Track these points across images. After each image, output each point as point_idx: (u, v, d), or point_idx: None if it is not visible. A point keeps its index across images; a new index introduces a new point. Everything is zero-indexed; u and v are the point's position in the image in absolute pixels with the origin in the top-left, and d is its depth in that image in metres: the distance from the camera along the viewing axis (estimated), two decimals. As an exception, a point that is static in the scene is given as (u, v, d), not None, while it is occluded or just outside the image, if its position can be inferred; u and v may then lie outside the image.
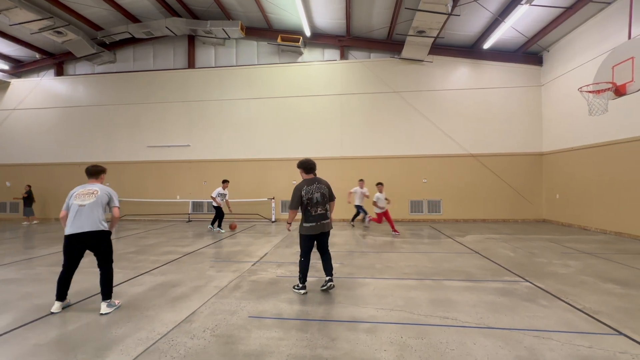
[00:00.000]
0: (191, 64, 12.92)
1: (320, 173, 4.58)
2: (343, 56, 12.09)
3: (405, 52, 11.08)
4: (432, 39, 10.25)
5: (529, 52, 11.06)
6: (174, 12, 11.63)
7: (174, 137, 12.76)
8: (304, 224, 4.14)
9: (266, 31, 12.23)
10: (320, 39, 12.01)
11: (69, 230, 3.49)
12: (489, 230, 9.28)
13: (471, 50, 11.31)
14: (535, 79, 11.19)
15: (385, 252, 6.54)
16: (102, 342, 2.87)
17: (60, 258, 3.78)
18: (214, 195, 9.27)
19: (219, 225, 9.42)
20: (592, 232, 8.63)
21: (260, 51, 12.65)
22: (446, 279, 4.66)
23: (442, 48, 11.36)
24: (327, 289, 4.12)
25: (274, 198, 11.71)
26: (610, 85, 5.45)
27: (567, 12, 8.67)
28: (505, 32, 9.79)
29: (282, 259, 5.96)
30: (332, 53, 12.28)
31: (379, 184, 8.88)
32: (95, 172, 3.90)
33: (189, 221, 11.98)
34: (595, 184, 8.71)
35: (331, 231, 4.53)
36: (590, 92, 5.81)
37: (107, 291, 3.57)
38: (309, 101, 12.06)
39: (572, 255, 6.01)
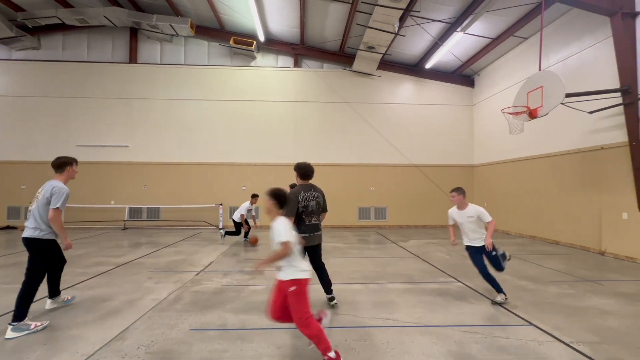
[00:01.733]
0: (133, 59, 11.98)
1: (270, 179, 4.55)
2: (297, 64, 12.23)
3: (356, 65, 11.61)
4: (381, 55, 10.91)
5: (463, 75, 12.34)
6: (114, 1, 10.72)
7: (109, 136, 11.64)
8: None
9: (218, 32, 11.89)
10: (274, 45, 12.01)
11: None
12: (429, 235, 10.02)
13: (415, 68, 12.25)
14: (468, 98, 12.50)
15: (334, 257, 6.69)
16: (9, 369, 2.48)
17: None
18: (242, 212, 8.36)
19: (225, 235, 8.77)
20: (512, 236, 9.80)
21: (212, 52, 12.23)
22: (389, 282, 4.92)
23: (390, 64, 12.13)
24: (333, 307, 3.78)
25: (222, 204, 11.27)
26: (525, 109, 6.33)
27: (493, 43, 9.90)
28: (444, 55, 10.82)
29: (229, 267, 5.75)
30: (286, 60, 12.35)
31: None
32: (56, 165, 3.43)
33: (125, 229, 10.95)
34: (514, 194, 9.95)
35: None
36: (510, 113, 6.67)
37: (16, 312, 3.04)
38: (262, 106, 11.94)
39: (496, 256, 6.76)
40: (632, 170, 6.24)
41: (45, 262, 3.36)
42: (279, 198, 2.79)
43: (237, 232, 8.61)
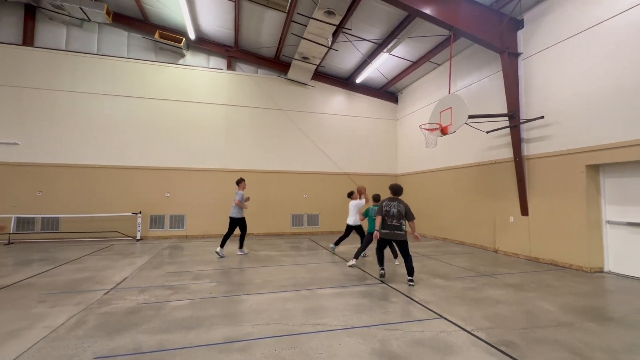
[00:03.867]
0: (28, 41, 10.11)
1: (200, 185, 4.28)
2: (230, 67, 11.83)
3: (291, 74, 11.76)
4: (315, 66, 11.27)
5: (389, 91, 13.49)
6: (3, -29, 8.96)
7: (-9, 130, 9.55)
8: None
9: (141, 23, 10.82)
10: (206, 44, 11.43)
11: None
12: (357, 240, 10.54)
13: (347, 82, 12.95)
14: (393, 113, 13.68)
15: (265, 266, 6.56)
16: None
17: None
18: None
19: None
20: (428, 238, 10.94)
21: (132, 44, 11.04)
22: (320, 287, 5.02)
23: (324, 76, 12.60)
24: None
25: (140, 212, 10.14)
26: (438, 126, 7.20)
27: (413, 66, 11.08)
28: (372, 72, 11.70)
29: (147, 283, 5.18)
30: (219, 62, 11.85)
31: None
32: None
33: (10, 243, 9.03)
34: (430, 201, 11.16)
35: (210, 248, 4.24)
36: (426, 129, 7.51)
37: None
38: (191, 107, 11.19)
39: (415, 258, 7.44)
40: (516, 182, 7.57)
41: None
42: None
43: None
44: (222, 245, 7.39)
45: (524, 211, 7.44)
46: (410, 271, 5.18)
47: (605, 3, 5.94)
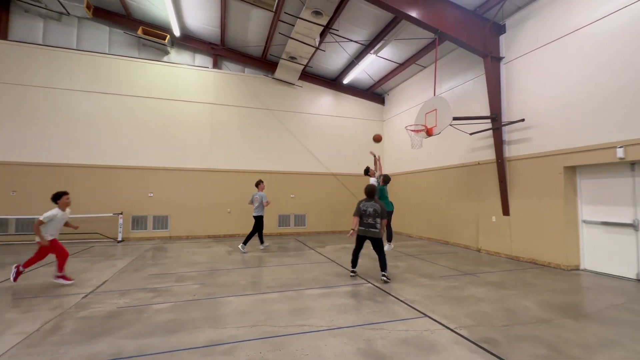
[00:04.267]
0: (2, 34, 9.65)
1: (185, 185, 4.19)
2: (216, 65, 11.66)
3: (278, 73, 11.70)
4: (302, 67, 11.25)
5: (375, 93, 13.60)
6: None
7: (-40, 127, 9.07)
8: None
9: (123, 18, 10.51)
10: (191, 42, 11.22)
11: None
12: (344, 240, 10.59)
13: (334, 82, 12.98)
14: (380, 115, 13.81)
15: (251, 267, 6.50)
16: None
17: None
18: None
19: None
20: (414, 238, 11.09)
21: (114, 39, 10.71)
22: (306, 288, 5.01)
23: (311, 76, 12.59)
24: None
25: (122, 213, 9.85)
26: (423, 127, 7.31)
27: (400, 67, 11.21)
28: (359, 73, 11.77)
29: (128, 286, 5.04)
30: (205, 60, 11.66)
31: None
32: None
33: (-19, 246, 8.60)
34: (416, 201, 11.32)
35: (195, 249, 4.17)
36: (412, 130, 7.61)
37: None
38: (175, 106, 10.96)
39: (400, 257, 7.55)
40: (498, 182, 7.77)
41: None
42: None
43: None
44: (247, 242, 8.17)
45: (506, 211, 7.64)
46: (383, 267, 5.44)
47: (582, 11, 6.17)
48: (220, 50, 11.50)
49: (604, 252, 6.06)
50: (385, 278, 5.34)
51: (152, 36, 10.41)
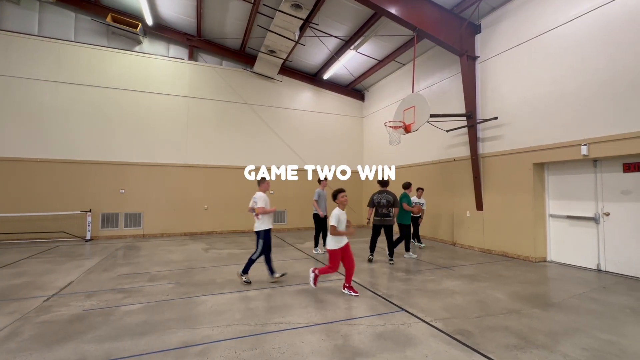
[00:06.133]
0: (-49, 16, 8.83)
1: (159, 180, 4.00)
2: (192, 57, 11.24)
3: (257, 67, 11.45)
4: (282, 61, 11.06)
5: (355, 89, 13.63)
6: None
7: None
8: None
9: (90, 4, 9.88)
10: (165, 32, 10.74)
11: None
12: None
13: (314, 78, 12.88)
14: (359, 111, 13.86)
15: (229, 264, 6.35)
16: None
17: None
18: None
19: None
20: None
21: (80, 26, 10.07)
22: (285, 285, 4.95)
23: (291, 71, 12.42)
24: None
25: (90, 211, 9.35)
26: (401, 124, 7.39)
27: (379, 64, 11.28)
28: (339, 69, 11.74)
29: (96, 287, 4.78)
30: (180, 51, 11.21)
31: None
32: None
33: None
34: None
35: (170, 247, 4.00)
36: (390, 127, 7.68)
37: None
38: (148, 98, 10.48)
39: (379, 252, 7.62)
40: (472, 178, 8.01)
41: None
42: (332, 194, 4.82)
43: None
44: (317, 244, 7.67)
45: (479, 206, 7.90)
46: (391, 252, 6.56)
47: (551, 14, 6.42)
48: (197, 41, 11.10)
49: (569, 244, 6.40)
50: (391, 262, 6.45)
51: (123, 24, 9.87)
